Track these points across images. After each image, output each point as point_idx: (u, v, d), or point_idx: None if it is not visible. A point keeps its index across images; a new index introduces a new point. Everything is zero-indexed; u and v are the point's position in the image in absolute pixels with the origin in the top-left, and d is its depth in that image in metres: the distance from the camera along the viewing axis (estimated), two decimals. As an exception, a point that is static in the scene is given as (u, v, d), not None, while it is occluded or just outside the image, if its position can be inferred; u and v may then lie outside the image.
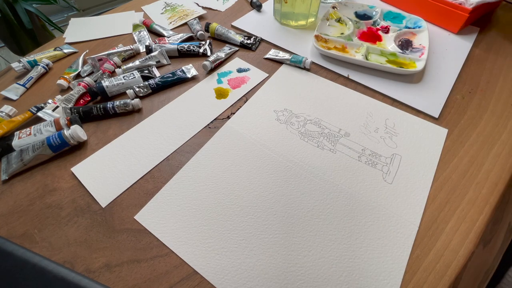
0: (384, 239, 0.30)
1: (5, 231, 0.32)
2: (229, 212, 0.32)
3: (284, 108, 0.43)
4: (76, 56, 0.54)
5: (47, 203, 0.34)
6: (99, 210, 0.33)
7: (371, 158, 0.37)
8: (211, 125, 0.41)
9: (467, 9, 0.52)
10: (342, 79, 0.48)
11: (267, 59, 0.51)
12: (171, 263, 0.29)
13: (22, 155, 0.36)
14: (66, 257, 0.30)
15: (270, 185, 0.35)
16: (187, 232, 0.31)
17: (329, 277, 0.28)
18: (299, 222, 0.32)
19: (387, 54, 0.50)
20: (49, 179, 0.36)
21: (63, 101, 0.44)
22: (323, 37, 0.52)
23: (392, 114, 0.42)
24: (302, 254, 0.29)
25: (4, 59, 1.77)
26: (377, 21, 0.57)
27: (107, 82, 0.45)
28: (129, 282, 0.28)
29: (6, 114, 0.42)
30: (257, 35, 0.56)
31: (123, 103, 0.42)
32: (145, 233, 0.31)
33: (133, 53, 0.53)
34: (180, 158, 0.38)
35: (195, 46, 0.52)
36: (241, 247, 0.30)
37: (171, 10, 0.64)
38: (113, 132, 0.41)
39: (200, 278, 0.28)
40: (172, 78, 0.47)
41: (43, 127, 0.39)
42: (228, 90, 0.46)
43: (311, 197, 0.33)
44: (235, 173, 0.36)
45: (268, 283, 0.28)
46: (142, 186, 0.35)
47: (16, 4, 1.31)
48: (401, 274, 0.28)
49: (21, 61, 0.50)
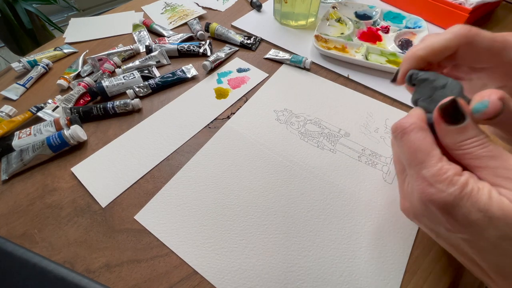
0: (384, 239, 0.30)
1: (5, 231, 0.32)
2: (229, 212, 0.32)
3: (284, 108, 0.43)
4: (76, 56, 0.54)
5: (47, 203, 0.34)
6: (99, 210, 0.33)
7: (371, 158, 0.37)
8: (211, 125, 0.41)
9: (467, 9, 0.52)
10: (342, 79, 0.48)
11: (267, 59, 0.51)
12: (171, 263, 0.29)
13: (22, 155, 0.36)
14: (66, 257, 0.30)
15: (270, 185, 0.35)
16: (187, 232, 0.31)
17: (329, 277, 0.28)
18: (299, 222, 0.32)
19: (387, 54, 0.50)
20: (49, 179, 0.36)
21: (63, 101, 0.44)
22: (323, 37, 0.52)
23: (392, 114, 0.42)
24: (302, 254, 0.29)
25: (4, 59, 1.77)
26: (377, 21, 0.57)
27: (107, 82, 0.45)
28: (129, 282, 0.28)
29: (6, 114, 0.42)
30: (257, 35, 0.56)
31: (123, 103, 0.42)
32: (145, 233, 0.31)
33: (133, 53, 0.53)
34: (180, 158, 0.38)
35: (195, 46, 0.52)
36: (241, 247, 0.30)
37: (171, 10, 0.64)
38: (113, 132, 0.41)
39: (200, 278, 0.28)
40: (172, 78, 0.47)
41: (43, 127, 0.39)
42: (228, 90, 0.46)
43: (311, 197, 0.33)
44: (235, 173, 0.36)
45: (268, 283, 0.28)
46: (142, 186, 0.35)
47: (16, 4, 1.31)
48: (401, 274, 0.28)
49: (21, 61, 0.50)
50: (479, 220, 0.18)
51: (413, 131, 0.21)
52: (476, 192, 0.18)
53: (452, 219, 0.19)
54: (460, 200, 0.18)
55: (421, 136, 0.21)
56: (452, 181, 0.18)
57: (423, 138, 0.21)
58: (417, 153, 0.20)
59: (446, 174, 0.19)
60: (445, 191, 0.18)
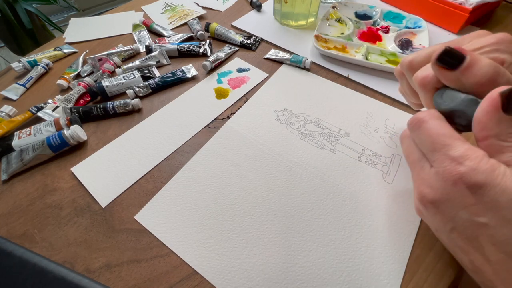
0: (384, 239, 0.30)
1: (5, 231, 0.32)
2: (229, 212, 0.32)
3: (284, 108, 0.43)
4: (76, 56, 0.54)
5: (47, 203, 0.34)
6: (99, 210, 0.33)
7: (371, 158, 0.37)
8: (211, 125, 0.41)
9: (467, 9, 0.52)
10: (342, 79, 0.48)
11: (267, 59, 0.51)
12: (171, 263, 0.29)
13: (22, 155, 0.36)
14: (66, 257, 0.30)
15: (270, 185, 0.35)
16: (187, 232, 0.31)
17: (329, 277, 0.28)
18: (299, 222, 0.32)
19: (387, 54, 0.50)
20: (49, 179, 0.36)
21: (63, 101, 0.44)
22: (323, 37, 0.52)
23: (392, 114, 0.42)
24: (302, 254, 0.29)
25: (4, 59, 1.77)
26: (377, 21, 0.57)
27: (107, 82, 0.45)
28: (129, 282, 0.28)
29: (6, 114, 0.42)
30: (257, 35, 0.56)
31: (123, 103, 0.42)
32: (145, 233, 0.31)
33: (133, 53, 0.53)
34: (180, 158, 0.38)
35: (195, 46, 0.52)
36: (241, 247, 0.30)
37: (171, 10, 0.64)
38: (113, 132, 0.41)
39: (200, 278, 0.28)
40: (172, 78, 0.47)
41: (43, 127, 0.39)
42: (228, 90, 0.46)
43: (311, 197, 0.33)
44: (235, 173, 0.36)
45: (268, 283, 0.28)
46: (142, 186, 0.35)
47: (16, 4, 1.31)
48: (401, 274, 0.28)
49: (21, 61, 0.50)
50: (508, 203, 0.17)
51: (431, 119, 0.21)
52: (509, 175, 0.18)
53: (480, 200, 0.18)
54: (492, 180, 0.18)
55: (440, 123, 0.21)
56: (483, 160, 0.18)
57: (443, 124, 0.21)
58: (440, 137, 0.21)
59: (476, 153, 0.19)
60: (477, 169, 0.18)
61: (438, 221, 0.23)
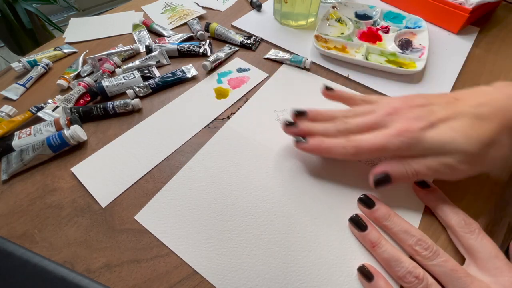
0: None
1: (5, 231, 0.32)
2: (229, 212, 0.32)
3: (284, 108, 0.43)
4: (76, 56, 0.54)
5: (47, 203, 0.34)
6: (99, 210, 0.33)
7: (370, 158, 0.37)
8: (211, 125, 0.41)
9: (467, 9, 0.52)
10: (342, 79, 0.48)
11: (267, 59, 0.51)
12: (171, 263, 0.29)
13: (22, 155, 0.36)
14: (66, 257, 0.30)
15: (270, 185, 0.35)
16: (187, 232, 0.31)
17: (329, 277, 0.28)
18: (299, 222, 0.32)
19: (387, 54, 0.50)
20: (49, 179, 0.36)
21: (63, 101, 0.44)
22: (323, 37, 0.52)
23: (392, 114, 0.42)
24: (303, 254, 0.29)
25: (4, 59, 1.77)
26: (377, 21, 0.57)
27: (107, 82, 0.45)
28: (129, 282, 0.28)
29: (6, 114, 0.42)
30: (257, 35, 0.56)
31: (123, 103, 0.42)
32: (145, 233, 0.31)
33: (133, 53, 0.53)
34: (180, 158, 0.38)
35: (195, 46, 0.52)
36: (241, 247, 0.30)
37: (171, 10, 0.64)
38: (113, 132, 0.41)
39: (200, 278, 0.28)
40: (172, 78, 0.47)
41: (43, 127, 0.39)
42: (228, 90, 0.46)
43: (312, 196, 0.33)
44: (235, 173, 0.36)
45: (268, 283, 0.28)
46: (142, 186, 0.35)
47: (16, 4, 1.31)
48: (401, 274, 0.28)
49: (21, 61, 0.50)
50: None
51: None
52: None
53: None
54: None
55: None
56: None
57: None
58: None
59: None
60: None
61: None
